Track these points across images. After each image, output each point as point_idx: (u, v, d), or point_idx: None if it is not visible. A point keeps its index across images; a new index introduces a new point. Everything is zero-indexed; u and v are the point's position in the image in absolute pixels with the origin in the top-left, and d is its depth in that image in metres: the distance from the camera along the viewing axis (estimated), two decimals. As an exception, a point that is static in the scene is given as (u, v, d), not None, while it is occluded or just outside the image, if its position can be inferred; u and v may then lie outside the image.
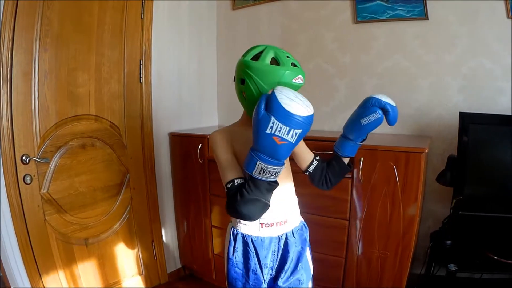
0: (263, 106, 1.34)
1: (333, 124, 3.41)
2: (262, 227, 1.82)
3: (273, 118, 1.30)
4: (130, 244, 3.29)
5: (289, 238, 1.86)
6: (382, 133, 2.08)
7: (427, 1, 2.84)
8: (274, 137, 1.32)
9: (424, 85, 2.98)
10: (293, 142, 1.35)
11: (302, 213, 2.00)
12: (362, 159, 2.53)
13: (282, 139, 1.32)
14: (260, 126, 1.33)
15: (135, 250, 3.35)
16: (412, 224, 2.48)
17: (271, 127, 1.31)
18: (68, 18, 2.67)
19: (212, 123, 4.10)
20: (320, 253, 1.99)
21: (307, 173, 1.95)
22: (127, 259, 3.28)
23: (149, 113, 3.33)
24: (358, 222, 2.67)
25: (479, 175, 2.53)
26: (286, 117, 1.30)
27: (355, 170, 2.59)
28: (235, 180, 1.58)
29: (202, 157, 3.24)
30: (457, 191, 2.57)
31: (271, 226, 1.82)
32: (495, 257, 2.38)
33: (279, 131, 1.31)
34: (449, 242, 2.58)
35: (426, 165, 2.77)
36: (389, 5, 2.99)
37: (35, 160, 2.55)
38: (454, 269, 2.34)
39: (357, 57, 3.25)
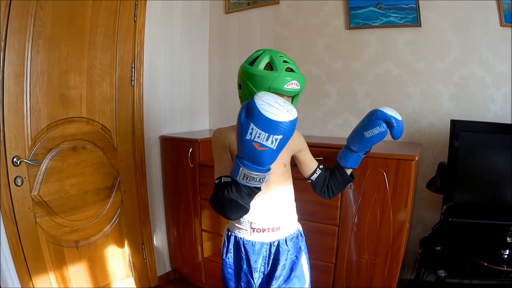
0: (244, 113, 1.33)
1: (323, 130, 3.42)
2: (253, 231, 1.83)
3: (252, 125, 1.29)
4: (120, 246, 3.28)
5: (281, 245, 1.86)
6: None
7: (420, 9, 2.86)
8: (254, 143, 1.31)
9: (415, 92, 3.00)
10: (274, 148, 1.32)
11: (293, 219, 1.99)
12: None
13: (262, 145, 1.31)
14: (241, 132, 1.32)
15: (126, 253, 3.33)
16: (401, 230, 2.50)
17: (251, 133, 1.30)
18: (61, 19, 2.66)
19: (203, 127, 4.09)
20: (309, 258, 2.00)
21: (310, 181, 1.95)
22: (117, 261, 3.26)
23: (140, 116, 3.32)
24: (348, 228, 2.67)
25: (469, 182, 2.54)
26: (265, 123, 1.28)
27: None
28: (222, 177, 1.59)
29: (193, 161, 3.23)
30: (447, 198, 2.58)
31: (263, 231, 1.82)
32: (485, 263, 2.39)
33: (258, 137, 1.29)
34: (438, 248, 2.60)
35: (417, 172, 2.78)
36: (382, 11, 3.00)
37: (26, 162, 2.54)
38: (443, 275, 2.35)
39: (348, 63, 3.26)
